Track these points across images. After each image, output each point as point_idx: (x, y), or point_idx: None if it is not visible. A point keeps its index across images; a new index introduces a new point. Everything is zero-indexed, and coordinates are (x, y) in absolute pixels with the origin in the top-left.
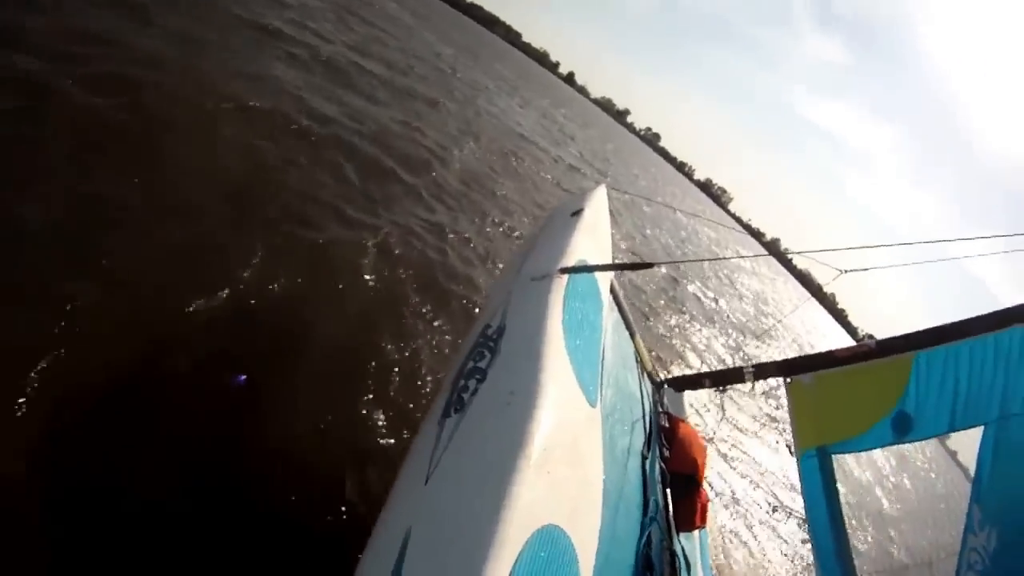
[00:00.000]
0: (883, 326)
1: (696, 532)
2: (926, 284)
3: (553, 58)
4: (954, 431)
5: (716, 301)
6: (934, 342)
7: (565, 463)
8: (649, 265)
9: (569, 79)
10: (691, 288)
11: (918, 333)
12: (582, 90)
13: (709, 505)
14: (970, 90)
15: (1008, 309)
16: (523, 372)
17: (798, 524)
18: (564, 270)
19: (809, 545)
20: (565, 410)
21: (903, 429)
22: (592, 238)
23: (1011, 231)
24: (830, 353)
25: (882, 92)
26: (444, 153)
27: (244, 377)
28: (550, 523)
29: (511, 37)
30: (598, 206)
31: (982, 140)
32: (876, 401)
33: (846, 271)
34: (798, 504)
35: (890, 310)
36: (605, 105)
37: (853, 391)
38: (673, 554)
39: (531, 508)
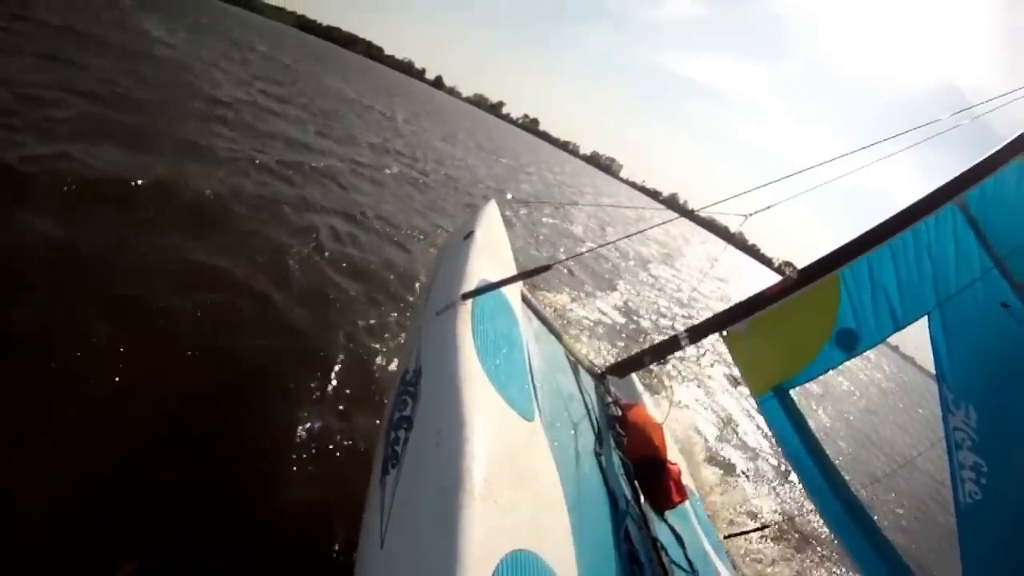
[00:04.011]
0: (802, 257)
1: (686, 504)
2: (836, 210)
3: (419, 65)
4: (900, 329)
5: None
6: (853, 256)
7: (512, 486)
8: (548, 267)
9: (438, 83)
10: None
11: (834, 252)
12: (452, 91)
13: (683, 472)
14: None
15: (911, 206)
16: (446, 409)
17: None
18: (466, 296)
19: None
20: (498, 434)
21: (850, 345)
22: (490, 256)
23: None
24: (757, 296)
25: (749, 35)
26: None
27: None
28: (513, 550)
29: (373, 53)
30: (490, 222)
31: (851, 66)
32: (815, 327)
33: (750, 215)
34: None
35: (807, 240)
36: (478, 102)
37: (790, 324)
38: (655, 540)
39: (487, 542)
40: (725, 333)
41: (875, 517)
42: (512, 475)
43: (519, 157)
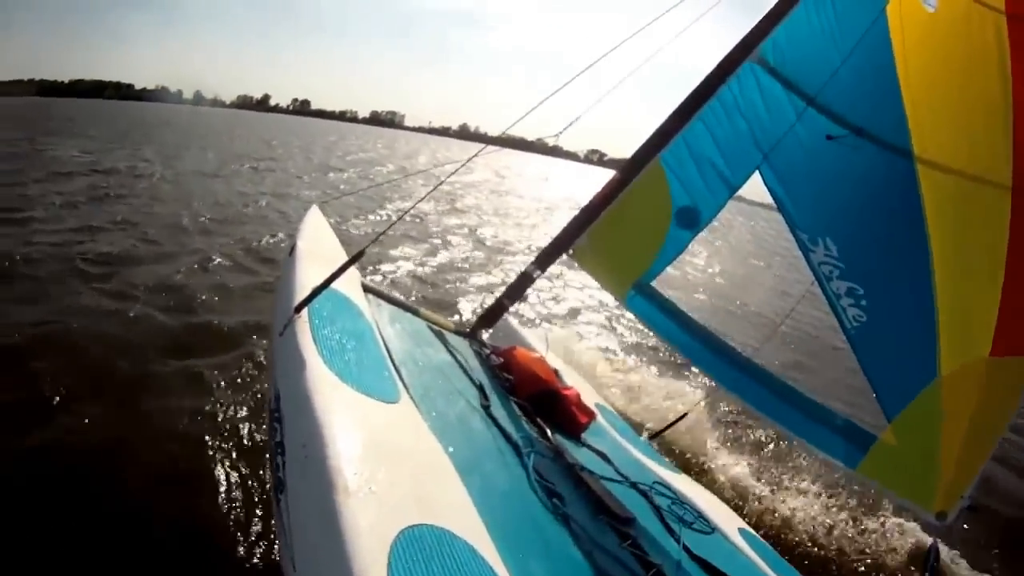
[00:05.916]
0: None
1: (598, 420)
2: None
3: (173, 88)
4: (736, 190)
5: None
6: (667, 139)
7: (386, 470)
8: (361, 253)
9: (197, 100)
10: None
11: (647, 142)
12: (215, 102)
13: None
14: None
15: (707, 76)
16: (304, 422)
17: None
18: (298, 307)
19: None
20: (360, 426)
21: (692, 222)
22: (317, 262)
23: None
24: (588, 206)
25: None
26: None
27: None
28: (404, 528)
29: (125, 92)
30: (313, 229)
31: None
32: (654, 216)
33: (559, 133)
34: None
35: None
36: (242, 104)
37: (628, 222)
38: (573, 466)
39: (372, 531)
40: (571, 251)
41: (779, 373)
42: (383, 461)
43: (330, 154)
